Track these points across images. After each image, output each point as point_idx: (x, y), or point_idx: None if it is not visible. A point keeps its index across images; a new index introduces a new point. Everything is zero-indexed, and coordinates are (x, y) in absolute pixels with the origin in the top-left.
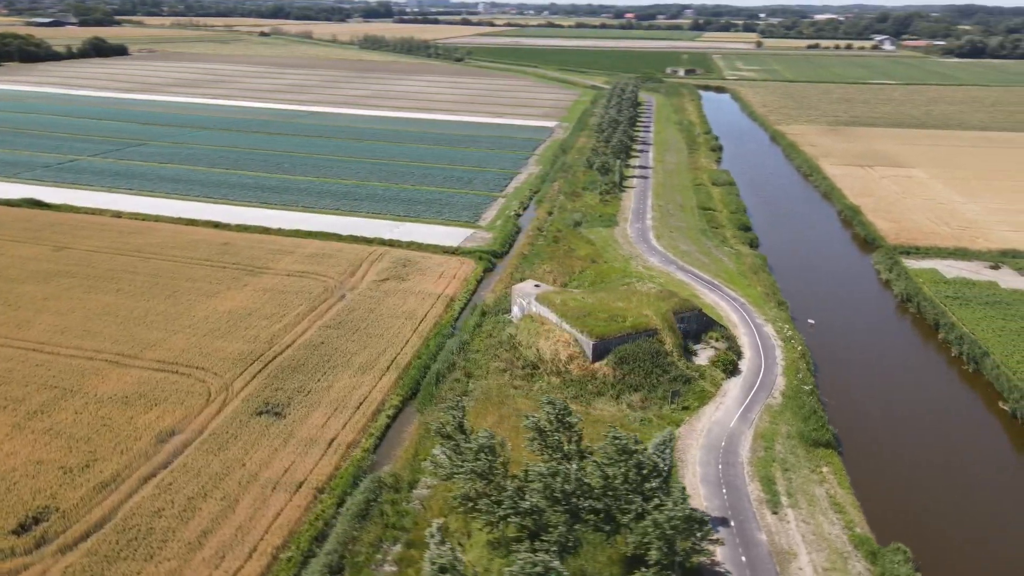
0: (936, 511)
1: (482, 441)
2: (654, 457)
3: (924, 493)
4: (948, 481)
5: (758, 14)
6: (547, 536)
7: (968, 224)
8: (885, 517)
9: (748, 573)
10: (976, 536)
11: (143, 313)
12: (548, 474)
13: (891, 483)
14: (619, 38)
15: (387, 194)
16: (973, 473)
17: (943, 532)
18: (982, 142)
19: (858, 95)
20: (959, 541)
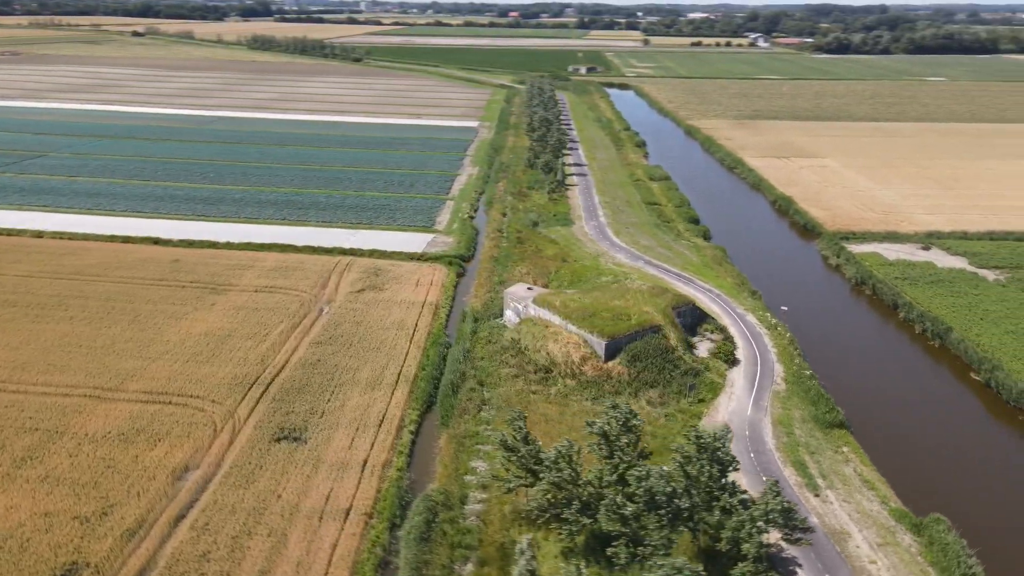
0: (947, 479)
1: (561, 449)
2: (731, 452)
3: (931, 463)
4: (949, 450)
5: (636, 12)
6: (651, 540)
7: (890, 209)
8: (908, 490)
9: (812, 555)
10: (988, 496)
11: (109, 341)
12: (651, 477)
13: (900, 456)
14: (510, 36)
15: (331, 201)
16: (968, 440)
17: (960, 497)
18: (874, 132)
19: (752, 90)
20: (977, 504)
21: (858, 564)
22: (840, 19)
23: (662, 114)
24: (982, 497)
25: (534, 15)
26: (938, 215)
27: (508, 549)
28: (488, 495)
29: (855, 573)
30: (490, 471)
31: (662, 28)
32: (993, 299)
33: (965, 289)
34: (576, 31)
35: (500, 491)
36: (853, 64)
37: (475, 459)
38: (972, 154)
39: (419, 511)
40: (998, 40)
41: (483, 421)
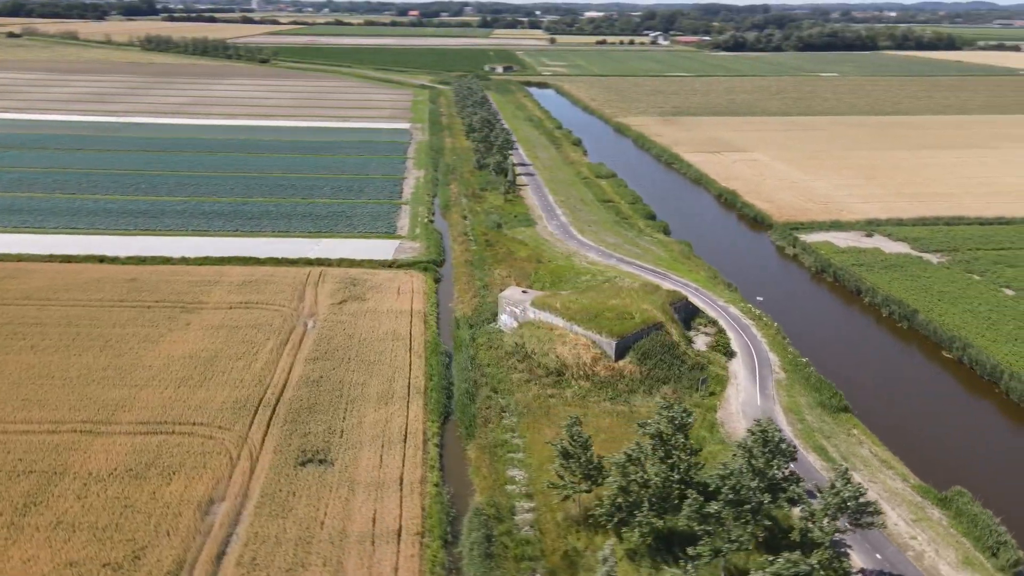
0: (947, 452)
1: (631, 452)
2: (792, 442)
3: (929, 439)
4: (941, 425)
5: (535, 11)
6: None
7: (827, 200)
8: (919, 466)
9: (859, 536)
10: (988, 466)
11: (84, 370)
12: (731, 474)
13: (900, 435)
14: (415, 36)
15: (281, 210)
16: (956, 414)
17: (964, 469)
18: (789, 126)
19: (666, 87)
20: (980, 474)
21: (901, 541)
22: (729, 18)
23: (587, 112)
24: (983, 467)
25: (434, 14)
26: (871, 204)
27: (572, 556)
28: (535, 503)
29: (901, 550)
30: (529, 479)
31: (563, 27)
32: (943, 281)
33: (916, 272)
34: (480, 30)
35: (553, 499)
36: (752, 61)
37: (511, 468)
38: (882, 145)
39: (475, 526)
40: (876, 37)
41: (508, 429)
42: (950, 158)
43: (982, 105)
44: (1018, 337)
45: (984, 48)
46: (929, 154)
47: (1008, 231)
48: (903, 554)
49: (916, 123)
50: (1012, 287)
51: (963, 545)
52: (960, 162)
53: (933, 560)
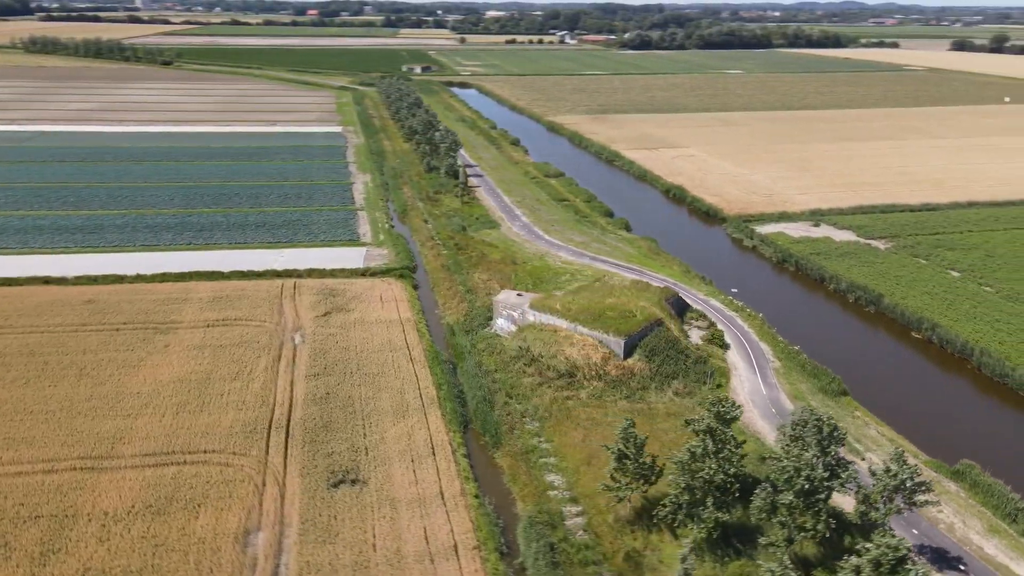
0: (941, 426)
1: (695, 450)
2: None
3: (921, 415)
4: (927, 402)
5: (436, 10)
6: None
7: (770, 192)
8: (922, 442)
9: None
10: (980, 437)
11: (65, 402)
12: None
13: (894, 413)
14: (319, 36)
15: (232, 220)
16: (938, 390)
17: (959, 441)
18: (712, 122)
19: (587, 86)
20: (976, 444)
21: (930, 516)
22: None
23: (516, 111)
24: (977, 439)
25: (334, 13)
26: (809, 195)
27: (634, 557)
28: (582, 507)
29: (932, 524)
30: (568, 483)
31: (469, 26)
32: (895, 266)
33: (869, 259)
34: (386, 30)
35: (599, 501)
36: (659, 59)
37: (547, 474)
38: (802, 138)
39: (533, 535)
40: (770, 36)
41: (533, 434)
42: (867, 149)
43: (880, 99)
44: (975, 315)
45: (866, 45)
46: (849, 146)
47: (937, 216)
48: (935, 528)
49: (826, 117)
50: (956, 269)
51: (985, 514)
52: (878, 153)
53: (964, 531)
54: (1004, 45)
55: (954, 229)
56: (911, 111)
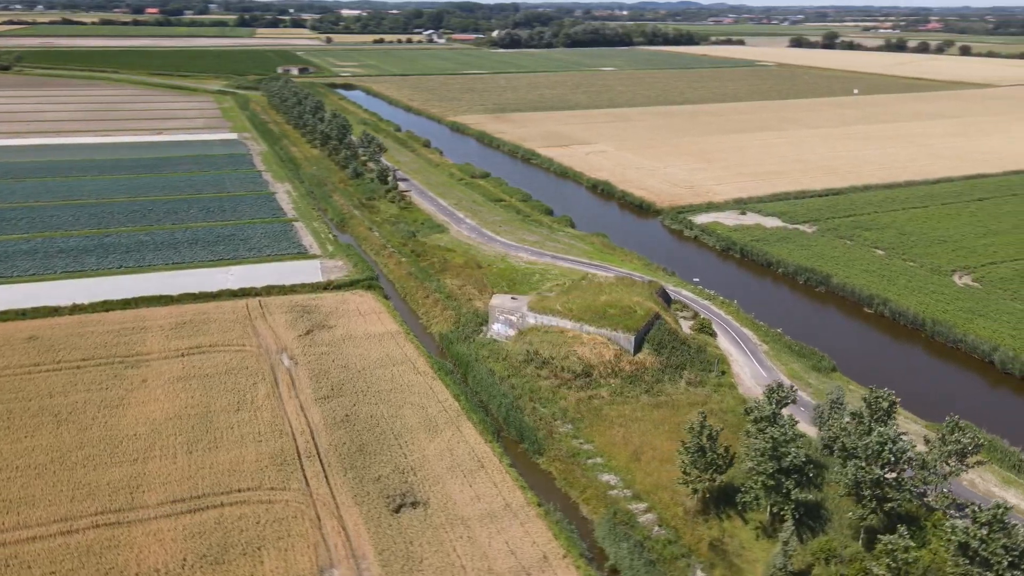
0: (917, 391)
1: (777, 436)
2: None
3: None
4: (895, 370)
5: (287, 9)
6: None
7: (690, 184)
8: (910, 404)
9: None
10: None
11: (53, 453)
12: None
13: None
14: (168, 36)
15: (158, 239)
16: (899, 359)
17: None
18: (609, 118)
19: (475, 84)
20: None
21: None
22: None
23: (413, 112)
24: (953, 399)
25: (176, 12)
26: (724, 185)
27: (718, 546)
28: (647, 504)
29: (956, 481)
30: (624, 482)
31: (329, 25)
32: (828, 248)
33: (803, 242)
34: (241, 29)
35: (664, 496)
36: (534, 58)
37: (600, 474)
38: (694, 132)
39: (617, 537)
40: (631, 34)
41: (570, 436)
42: (756, 140)
43: (748, 93)
44: (914, 289)
45: (716, 43)
46: (738, 138)
47: (842, 200)
48: (961, 485)
49: (708, 111)
50: (879, 247)
51: (993, 468)
52: (766, 143)
53: (984, 486)
54: (835, 41)
55: (861, 211)
56: (779, 103)
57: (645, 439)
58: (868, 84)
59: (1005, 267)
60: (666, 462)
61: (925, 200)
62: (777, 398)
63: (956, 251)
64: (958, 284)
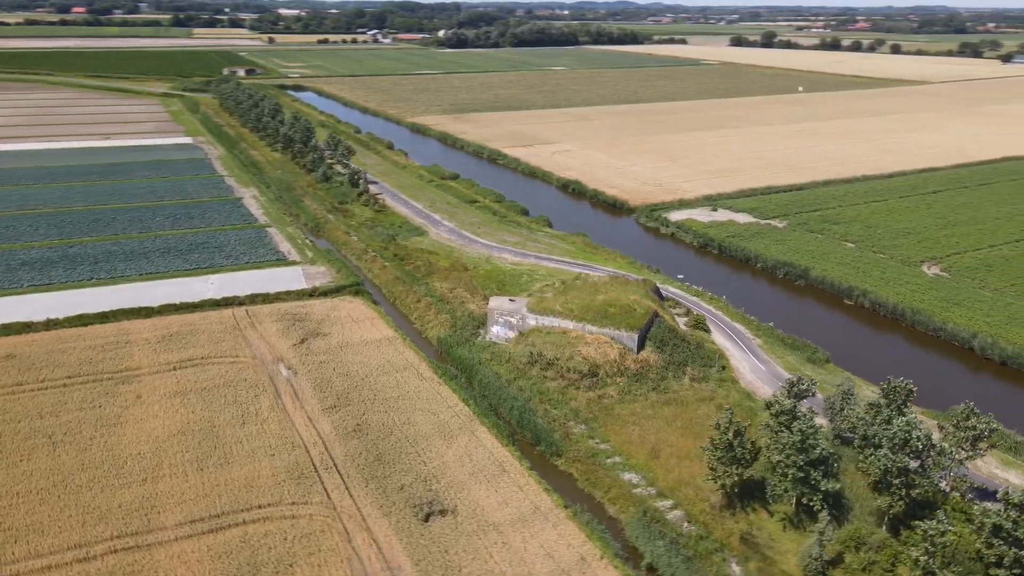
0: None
1: (806, 430)
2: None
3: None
4: (884, 358)
5: (223, 8)
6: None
7: (658, 182)
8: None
9: None
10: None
11: (54, 476)
12: (908, 429)
13: (866, 371)
14: (100, 36)
15: (127, 249)
16: (889, 349)
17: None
18: (567, 117)
19: (428, 85)
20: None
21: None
22: (429, 15)
23: (369, 114)
24: (943, 388)
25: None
26: (691, 182)
27: (748, 539)
28: (672, 501)
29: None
30: (646, 480)
31: (268, 25)
32: (800, 242)
33: (777, 237)
34: (176, 29)
35: (687, 492)
36: (483, 57)
37: (622, 473)
38: (652, 130)
39: (651, 536)
40: (576, 33)
41: (586, 437)
42: (714, 138)
43: (697, 91)
44: (889, 280)
45: (659, 42)
46: (696, 135)
47: (806, 195)
48: (962, 467)
49: (661, 109)
50: (849, 241)
51: (995, 451)
52: (726, 140)
53: (987, 468)
54: (773, 40)
55: (826, 206)
56: (729, 101)
57: (660, 436)
58: (810, 82)
59: (969, 257)
60: (684, 458)
61: (884, 194)
62: (797, 391)
63: (921, 242)
64: (928, 274)
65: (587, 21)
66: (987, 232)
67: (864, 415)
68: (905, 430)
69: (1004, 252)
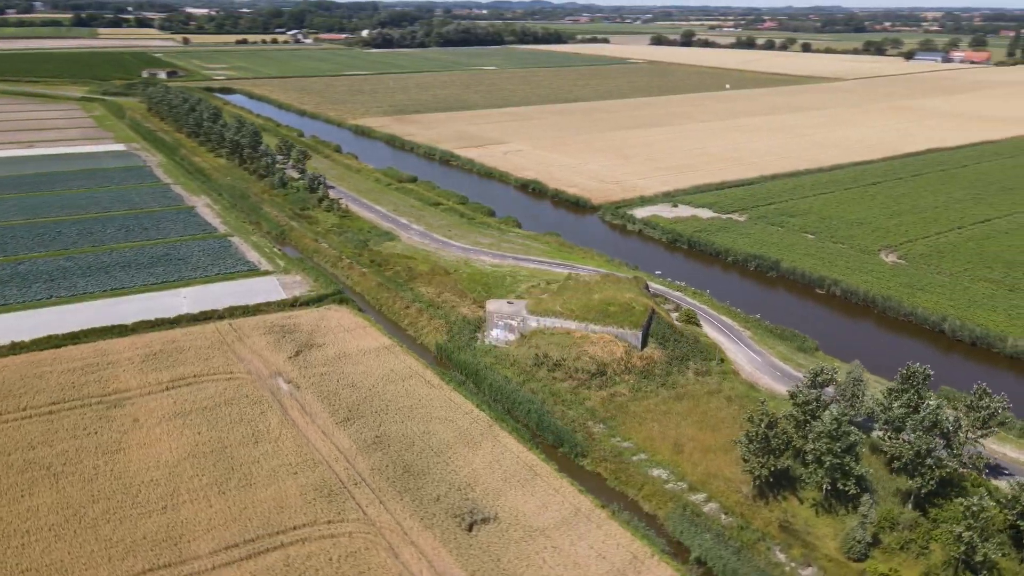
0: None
1: (838, 416)
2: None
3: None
4: (861, 343)
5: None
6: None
7: (616, 180)
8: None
9: None
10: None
11: (65, 511)
12: (937, 411)
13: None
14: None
15: (83, 264)
16: (862, 334)
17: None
18: (511, 117)
19: (362, 86)
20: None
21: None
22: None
23: (308, 116)
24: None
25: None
26: (647, 180)
27: (787, 526)
28: (705, 494)
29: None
30: (675, 475)
31: (179, 25)
32: (763, 234)
33: (741, 231)
34: (80, 29)
35: (719, 484)
36: (412, 58)
37: (650, 470)
38: (596, 128)
39: (695, 531)
40: (501, 33)
41: (607, 436)
42: (658, 135)
43: (632, 89)
44: (854, 269)
45: (583, 41)
46: (640, 133)
47: (758, 190)
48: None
49: (601, 107)
50: (808, 232)
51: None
52: (670, 138)
53: (990, 446)
54: (692, 39)
55: (778, 199)
56: (663, 99)
57: (680, 431)
58: (734, 79)
59: (920, 244)
60: (708, 452)
61: (828, 186)
62: (821, 380)
63: (875, 232)
64: (887, 262)
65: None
66: (931, 220)
67: (883, 400)
68: (935, 412)
69: (950, 239)
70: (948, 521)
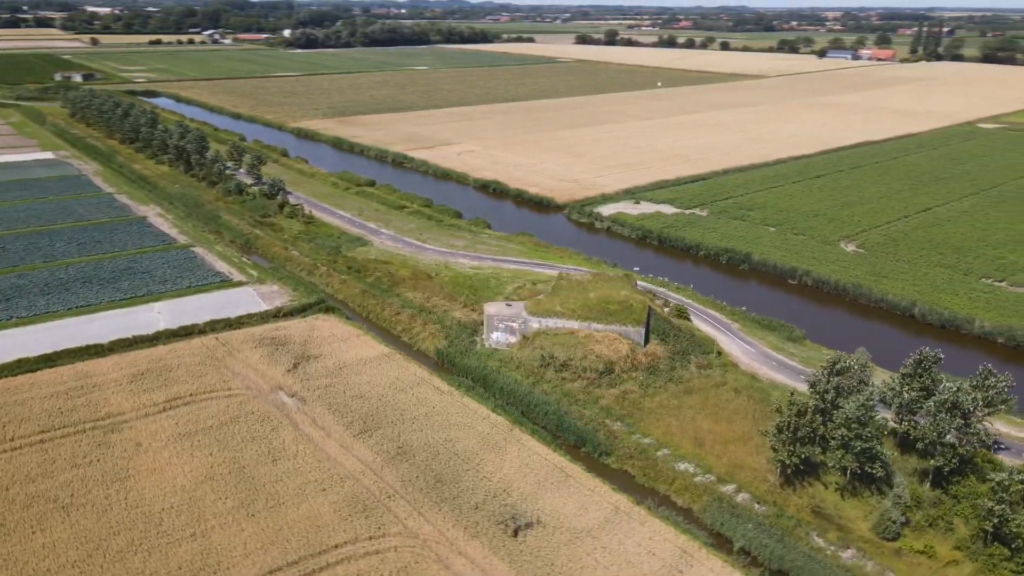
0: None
1: (865, 401)
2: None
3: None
4: (841, 331)
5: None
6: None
7: (575, 179)
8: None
9: None
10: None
11: (87, 545)
12: (957, 392)
13: (834, 345)
14: None
15: (38, 281)
16: (838, 321)
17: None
18: (454, 117)
19: (294, 87)
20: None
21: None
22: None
23: (244, 120)
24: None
25: None
26: (606, 177)
27: (818, 511)
28: (734, 485)
29: None
30: (701, 468)
31: (83, 25)
32: (727, 228)
33: (706, 225)
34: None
35: (746, 475)
36: (339, 58)
37: (676, 464)
38: (542, 128)
39: (736, 521)
40: (427, 33)
41: (627, 433)
42: (604, 133)
43: (568, 88)
44: (819, 259)
45: (508, 41)
46: (586, 131)
47: (712, 185)
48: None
49: (542, 107)
50: (769, 225)
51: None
52: (616, 135)
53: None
54: (616, 38)
55: (734, 194)
56: (600, 98)
57: (697, 425)
58: (664, 78)
59: (875, 233)
60: (728, 443)
61: (777, 180)
62: (839, 368)
63: (831, 222)
64: (848, 251)
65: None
66: (879, 210)
67: (894, 384)
68: (956, 394)
69: (901, 227)
70: (968, 497)
